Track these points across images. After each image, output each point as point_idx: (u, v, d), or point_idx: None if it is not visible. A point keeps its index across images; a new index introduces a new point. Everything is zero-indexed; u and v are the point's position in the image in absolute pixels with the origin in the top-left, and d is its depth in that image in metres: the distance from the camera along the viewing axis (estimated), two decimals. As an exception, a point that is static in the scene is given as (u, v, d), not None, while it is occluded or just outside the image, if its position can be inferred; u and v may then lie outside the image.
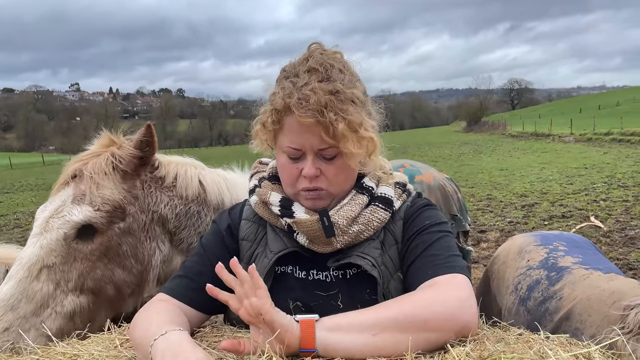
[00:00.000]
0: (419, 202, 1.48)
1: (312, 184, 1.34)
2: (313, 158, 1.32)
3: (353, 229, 1.36)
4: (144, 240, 1.86)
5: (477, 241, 6.90)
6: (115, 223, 1.79)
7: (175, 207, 1.92)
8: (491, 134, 49.62)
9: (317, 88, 1.26)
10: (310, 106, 1.25)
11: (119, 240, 1.79)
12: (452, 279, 1.22)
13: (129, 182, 1.85)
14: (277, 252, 1.41)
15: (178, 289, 1.41)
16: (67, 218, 1.73)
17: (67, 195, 1.79)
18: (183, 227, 1.93)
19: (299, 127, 1.29)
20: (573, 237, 2.35)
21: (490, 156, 22.93)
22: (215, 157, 29.19)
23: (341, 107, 1.26)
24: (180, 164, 2.02)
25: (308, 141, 1.30)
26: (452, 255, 1.31)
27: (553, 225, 7.64)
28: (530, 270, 2.05)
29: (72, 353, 1.24)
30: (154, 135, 1.86)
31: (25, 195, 19.09)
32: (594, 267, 1.89)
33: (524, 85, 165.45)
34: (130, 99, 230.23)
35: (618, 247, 6.22)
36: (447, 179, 2.90)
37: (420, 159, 20.85)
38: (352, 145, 1.27)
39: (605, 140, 25.73)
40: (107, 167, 1.81)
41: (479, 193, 11.51)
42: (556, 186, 11.76)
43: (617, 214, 8.16)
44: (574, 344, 1.12)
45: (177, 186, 1.94)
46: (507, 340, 1.14)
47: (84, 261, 1.73)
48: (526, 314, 1.92)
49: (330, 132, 1.26)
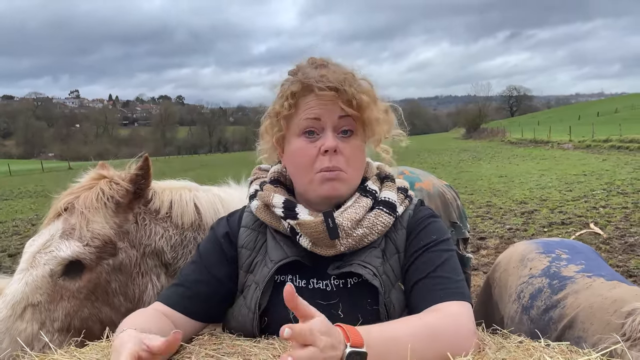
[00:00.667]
0: (423, 212, 1.46)
1: (332, 163, 1.31)
2: (332, 132, 1.33)
3: (357, 232, 1.34)
4: (136, 276, 1.79)
5: (477, 248, 6.89)
6: (105, 259, 1.72)
7: (170, 238, 1.86)
8: (490, 140, 49.72)
9: (331, 70, 1.34)
10: (330, 82, 1.30)
11: (108, 277, 1.73)
12: (463, 308, 1.22)
13: (121, 216, 1.79)
14: (277, 261, 1.39)
15: (173, 297, 1.41)
16: (55, 253, 1.66)
17: (56, 229, 1.72)
18: (179, 257, 1.87)
19: (317, 102, 1.32)
20: (575, 244, 2.34)
21: (489, 163, 22.96)
22: (215, 164, 29.10)
23: (358, 84, 1.34)
24: (175, 189, 1.96)
25: (328, 111, 1.32)
26: (461, 281, 1.31)
27: (552, 232, 7.64)
28: (533, 278, 2.04)
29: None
30: (150, 168, 1.81)
31: (24, 202, 19.06)
32: (597, 274, 1.89)
33: (522, 92, 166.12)
34: (129, 106, 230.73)
35: (618, 254, 6.21)
36: (447, 186, 2.90)
37: (419, 165, 20.78)
38: (374, 113, 1.34)
39: (604, 147, 25.78)
40: (99, 201, 1.75)
41: (479, 200, 11.51)
42: (555, 193, 11.77)
43: (617, 220, 8.16)
44: (574, 351, 1.12)
45: (172, 215, 1.89)
46: (507, 348, 1.14)
47: (71, 300, 1.66)
48: (529, 323, 1.91)
49: (352, 103, 1.31)
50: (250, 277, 1.43)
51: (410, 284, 1.34)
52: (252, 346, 1.27)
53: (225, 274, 1.44)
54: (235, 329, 1.40)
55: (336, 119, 1.32)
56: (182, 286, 1.43)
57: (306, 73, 1.34)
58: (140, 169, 1.80)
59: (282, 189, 1.46)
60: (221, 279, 1.44)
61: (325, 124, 1.32)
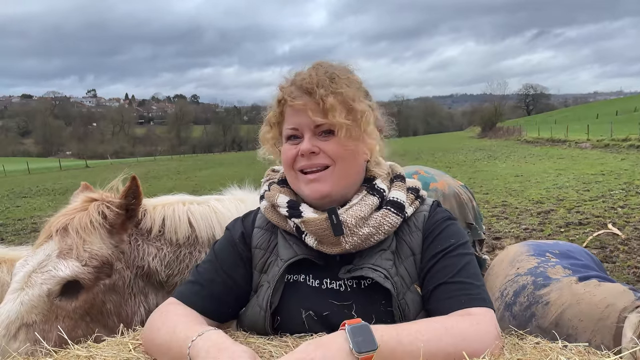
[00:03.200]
0: (440, 214, 1.45)
1: (310, 161, 1.35)
2: (310, 136, 1.36)
3: (363, 230, 1.34)
4: (128, 297, 1.80)
5: (492, 248, 6.83)
6: (102, 279, 1.73)
7: (164, 257, 1.86)
8: (506, 139, 49.21)
9: (313, 74, 1.35)
10: (301, 89, 1.34)
11: (104, 297, 1.73)
12: (488, 314, 1.21)
13: (116, 237, 1.81)
14: (287, 259, 1.39)
15: (188, 294, 1.41)
16: (53, 273, 1.65)
17: (52, 250, 1.70)
18: (175, 273, 1.88)
19: (294, 111, 1.36)
20: (568, 247, 2.36)
21: (505, 162, 22.74)
22: (229, 162, 29.19)
23: (333, 86, 1.33)
24: (167, 204, 1.96)
25: (303, 120, 1.35)
26: (482, 286, 1.31)
27: (569, 233, 7.54)
28: (518, 277, 2.06)
29: (87, 355, 1.25)
30: (139, 187, 1.82)
31: (43, 200, 19.37)
32: (584, 275, 1.89)
33: (539, 90, 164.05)
34: (145, 105, 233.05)
35: (637, 255, 6.11)
36: (462, 187, 2.88)
37: (434, 165, 20.56)
38: (340, 117, 1.31)
39: (622, 147, 25.35)
40: (94, 222, 1.75)
41: (494, 199, 11.41)
42: (572, 193, 11.61)
43: (635, 221, 8.03)
44: (592, 352, 1.10)
45: (165, 232, 1.89)
46: (524, 349, 1.13)
47: (66, 320, 1.65)
48: (511, 319, 1.91)
49: (320, 108, 1.32)
50: (263, 277, 1.44)
51: (430, 288, 1.32)
52: (266, 343, 1.28)
53: (240, 275, 1.46)
54: (248, 327, 1.41)
55: (311, 125, 1.35)
56: (197, 284, 1.43)
57: (288, 81, 1.40)
58: (129, 187, 1.81)
59: (288, 189, 1.47)
60: (236, 279, 1.45)
61: (303, 130, 1.36)
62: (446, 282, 1.30)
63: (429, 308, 1.32)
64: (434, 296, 1.31)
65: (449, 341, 1.09)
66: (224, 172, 27.62)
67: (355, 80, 1.40)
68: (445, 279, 1.30)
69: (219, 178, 19.50)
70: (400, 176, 1.50)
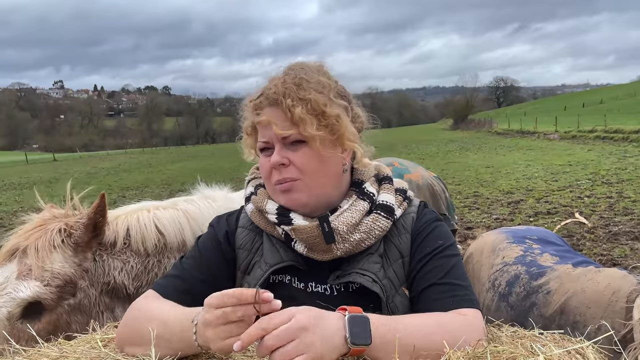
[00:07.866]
0: (428, 216, 1.44)
1: (281, 175, 1.31)
2: (279, 147, 1.30)
3: (354, 237, 1.32)
4: (95, 316, 1.74)
5: (464, 238, 6.95)
6: (65, 299, 1.67)
7: (131, 269, 1.80)
8: (477, 131, 50.02)
9: (280, 82, 1.30)
10: (268, 99, 1.30)
11: (69, 318, 1.67)
12: (477, 315, 1.22)
13: (80, 255, 1.74)
14: (272, 264, 1.37)
15: (168, 288, 1.37)
16: (13, 295, 1.59)
17: (11, 272, 1.64)
18: (144, 284, 1.82)
19: (262, 125, 1.33)
20: (542, 232, 2.40)
21: (476, 153, 23.13)
22: (202, 155, 28.87)
23: (301, 93, 1.27)
24: (130, 213, 1.90)
25: (271, 133, 1.30)
26: (469, 287, 1.31)
27: (538, 222, 7.72)
28: (507, 266, 2.07)
29: (58, 353, 1.21)
30: (106, 206, 1.76)
31: (9, 195, 18.79)
32: (574, 262, 1.93)
33: (509, 83, 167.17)
34: (115, 96, 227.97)
35: (602, 243, 6.31)
36: (435, 178, 2.91)
37: (407, 156, 20.77)
38: (311, 128, 1.26)
39: (589, 138, 26.07)
40: (56, 240, 1.69)
41: (466, 190, 11.60)
42: (541, 183, 11.90)
43: (601, 210, 8.28)
44: (567, 339, 1.13)
45: (131, 243, 1.83)
46: (501, 339, 1.15)
47: (30, 343, 1.56)
48: (509, 310, 1.93)
49: (288, 118, 1.27)
50: (247, 277, 1.42)
51: (419, 289, 1.32)
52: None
53: (224, 274, 1.43)
54: None
55: (280, 137, 1.30)
56: (178, 278, 1.40)
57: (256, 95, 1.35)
58: (97, 207, 1.75)
59: None
60: (219, 278, 1.41)
61: (273, 142, 1.32)
62: (436, 284, 1.30)
63: (418, 309, 1.31)
64: (423, 297, 1.30)
65: (443, 337, 1.09)
66: (197, 165, 27.26)
67: (326, 82, 1.34)
68: (434, 280, 1.30)
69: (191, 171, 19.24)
70: (388, 177, 1.47)
